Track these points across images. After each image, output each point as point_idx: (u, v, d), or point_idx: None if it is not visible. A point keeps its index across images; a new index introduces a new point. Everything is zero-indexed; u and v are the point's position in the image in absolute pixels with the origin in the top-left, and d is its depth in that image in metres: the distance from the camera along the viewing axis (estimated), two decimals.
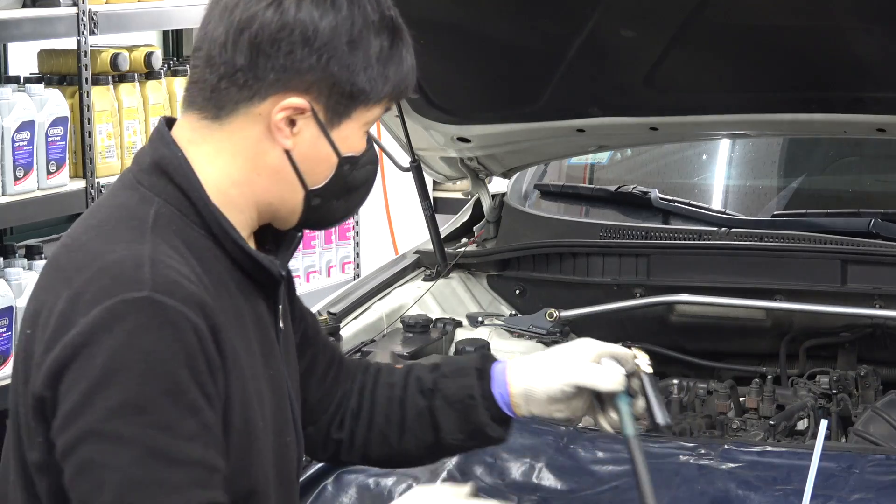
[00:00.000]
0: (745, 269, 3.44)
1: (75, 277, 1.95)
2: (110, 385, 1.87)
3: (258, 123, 2.04)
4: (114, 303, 1.89)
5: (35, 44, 5.06)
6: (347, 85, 2.04)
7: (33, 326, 1.99)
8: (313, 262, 5.98)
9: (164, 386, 1.88)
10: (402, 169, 3.78)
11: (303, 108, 2.03)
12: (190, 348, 1.91)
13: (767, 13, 3.08)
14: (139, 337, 1.88)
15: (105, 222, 2.03)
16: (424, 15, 3.34)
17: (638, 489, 2.19)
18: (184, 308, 1.91)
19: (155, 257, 1.94)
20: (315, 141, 2.06)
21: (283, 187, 2.08)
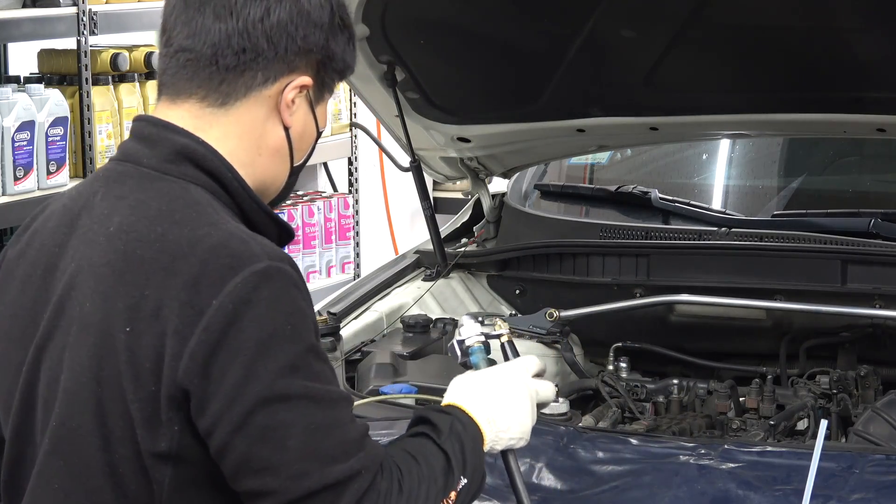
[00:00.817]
0: (745, 269, 3.44)
1: (178, 265, 2.02)
2: (269, 353, 2.00)
3: (265, 105, 2.18)
4: (243, 277, 2.00)
5: (35, 44, 5.07)
6: (339, 62, 2.22)
7: (132, 323, 2.03)
8: (313, 262, 5.98)
9: (304, 342, 2.03)
10: (402, 169, 3.79)
11: (307, 86, 2.20)
12: (309, 305, 2.07)
13: (767, 13, 3.08)
14: (278, 302, 2.02)
15: (168, 212, 2.09)
16: (424, 15, 3.36)
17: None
18: (294, 272, 2.07)
19: (244, 230, 2.09)
20: (306, 117, 2.23)
21: (278, 165, 2.23)
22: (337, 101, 6.28)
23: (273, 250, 2.07)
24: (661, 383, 3.31)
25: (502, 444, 2.26)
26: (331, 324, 3.33)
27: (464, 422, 2.22)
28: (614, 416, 3.11)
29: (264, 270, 2.02)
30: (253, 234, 2.09)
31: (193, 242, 2.04)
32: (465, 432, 2.20)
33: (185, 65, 2.17)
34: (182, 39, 2.18)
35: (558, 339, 3.40)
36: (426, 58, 3.49)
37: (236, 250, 2.03)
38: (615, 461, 2.63)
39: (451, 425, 2.20)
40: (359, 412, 2.77)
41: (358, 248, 6.33)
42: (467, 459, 2.17)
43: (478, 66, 3.49)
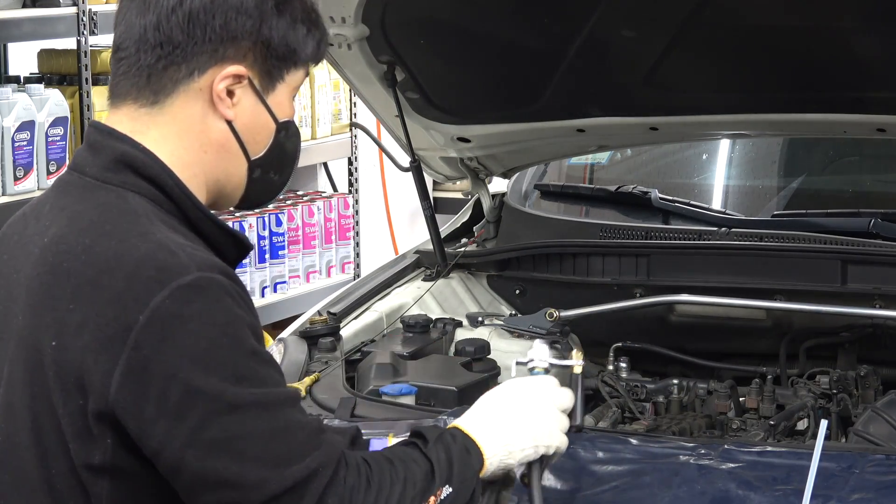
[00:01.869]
0: (745, 269, 3.44)
1: (104, 279, 1.97)
2: (209, 367, 1.95)
3: (199, 99, 2.10)
4: (170, 291, 1.95)
5: (35, 44, 5.07)
6: (280, 46, 2.11)
7: (59, 337, 1.99)
8: (313, 262, 5.98)
9: (246, 350, 1.99)
10: (402, 169, 3.78)
11: (241, 75, 2.10)
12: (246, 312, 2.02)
13: (767, 13, 3.08)
14: (211, 314, 1.96)
15: (100, 223, 2.03)
16: (424, 15, 3.36)
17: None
18: (227, 281, 2.00)
19: (175, 241, 2.01)
20: (254, 109, 2.13)
21: (229, 161, 2.14)
22: (337, 101, 6.28)
23: (203, 260, 2.00)
24: (661, 383, 3.31)
25: (516, 458, 2.21)
26: (331, 324, 3.33)
27: (455, 435, 2.18)
28: (614, 416, 3.11)
29: (193, 283, 1.96)
30: (185, 244, 2.01)
31: (120, 255, 1.98)
32: (455, 444, 2.16)
33: (119, 65, 2.15)
34: (117, 38, 2.16)
35: (558, 339, 3.40)
36: (426, 58, 3.49)
37: (163, 262, 1.97)
38: (615, 461, 2.63)
39: (439, 436, 2.17)
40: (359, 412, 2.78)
41: (358, 248, 6.33)
42: (454, 470, 2.13)
43: (478, 66, 3.49)
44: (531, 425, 2.22)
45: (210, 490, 1.98)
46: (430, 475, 2.11)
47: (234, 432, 1.97)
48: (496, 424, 2.21)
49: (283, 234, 5.74)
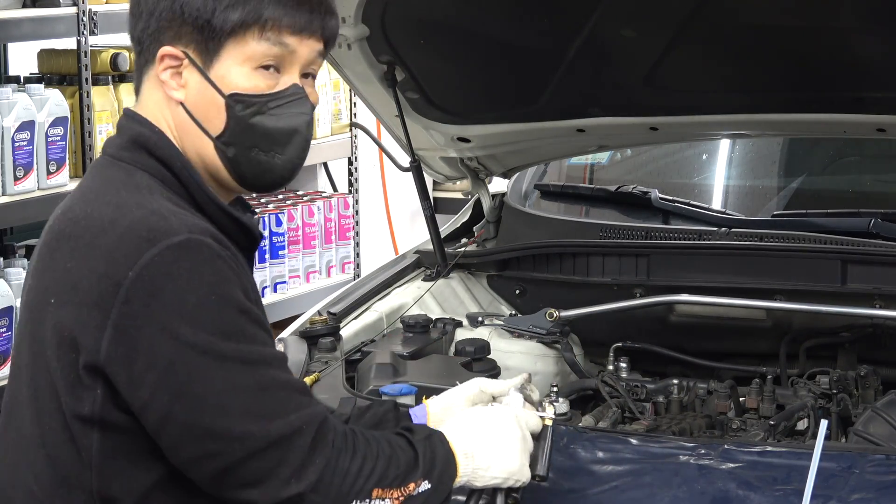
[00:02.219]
0: (745, 269, 3.44)
1: (99, 240, 2.06)
2: (197, 322, 2.02)
3: (157, 87, 2.20)
4: (160, 250, 2.03)
5: (35, 44, 5.06)
6: (195, 21, 2.15)
7: (57, 295, 2.08)
8: (313, 262, 5.98)
9: (234, 308, 2.06)
10: (402, 169, 3.78)
11: (176, 55, 2.17)
12: (238, 275, 2.09)
13: (767, 13, 3.08)
14: (199, 272, 2.04)
15: (102, 193, 2.13)
16: (424, 15, 3.36)
17: None
18: (217, 245, 2.07)
19: (170, 209, 2.09)
20: (200, 86, 2.18)
21: (194, 141, 2.19)
22: (337, 102, 6.28)
23: (195, 224, 2.08)
24: (661, 383, 3.31)
25: (482, 482, 2.25)
26: (331, 324, 3.33)
27: (442, 441, 2.23)
28: (614, 416, 3.11)
29: (182, 243, 2.04)
30: (179, 212, 2.09)
31: (115, 219, 2.07)
32: (441, 448, 2.21)
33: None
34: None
35: (558, 339, 3.40)
36: (426, 58, 3.49)
37: (154, 224, 2.06)
38: (615, 461, 2.63)
39: (428, 434, 2.22)
40: None
41: (358, 248, 6.33)
42: (436, 469, 2.18)
43: (478, 66, 3.49)
44: (509, 455, 2.27)
45: (195, 443, 2.05)
46: (414, 464, 2.17)
47: (220, 386, 2.03)
48: (477, 446, 2.25)
49: (283, 234, 5.74)
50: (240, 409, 2.05)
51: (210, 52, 2.16)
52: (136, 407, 2.06)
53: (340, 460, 2.10)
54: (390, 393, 2.97)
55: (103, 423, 2.08)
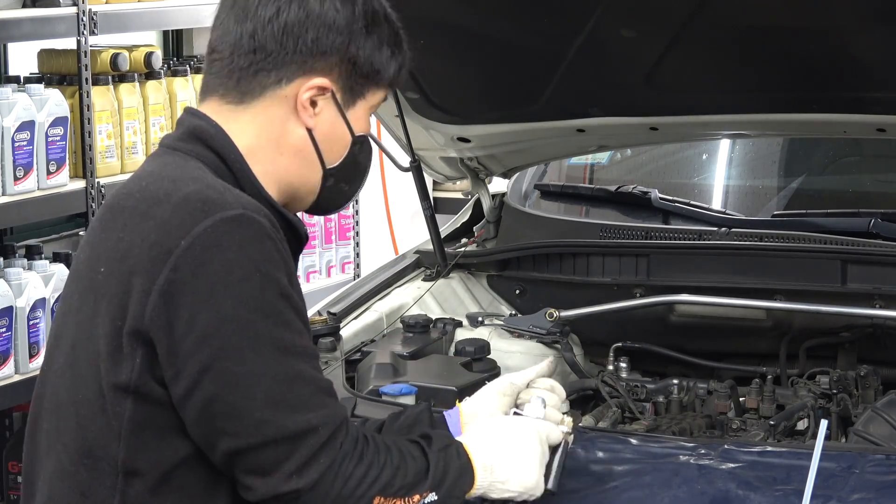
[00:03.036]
0: (745, 269, 3.44)
1: (153, 210, 2.11)
2: (238, 297, 2.05)
3: (283, 105, 2.23)
4: (213, 222, 2.07)
5: (35, 44, 5.06)
6: (366, 66, 2.26)
7: (108, 264, 2.13)
8: (313, 262, 5.98)
9: (277, 290, 2.09)
10: (402, 169, 3.78)
11: (325, 88, 2.23)
12: (285, 258, 2.12)
13: (767, 13, 3.08)
14: (248, 248, 2.08)
15: (159, 172, 2.19)
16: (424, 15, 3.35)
17: None
18: (269, 225, 2.12)
19: (224, 185, 2.15)
20: (333, 121, 2.27)
21: (304, 166, 2.27)
22: None
23: (250, 202, 2.12)
24: (661, 383, 3.31)
25: (497, 494, 2.28)
26: (331, 324, 3.33)
27: (460, 452, 2.25)
28: (614, 416, 3.11)
29: (236, 217, 2.08)
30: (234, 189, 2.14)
31: (170, 192, 2.12)
32: (457, 460, 2.23)
33: (212, 64, 2.28)
34: (213, 40, 2.28)
35: (558, 339, 3.40)
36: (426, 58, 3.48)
37: (209, 197, 2.10)
38: (615, 461, 2.63)
39: (445, 445, 2.24)
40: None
41: (358, 248, 6.33)
42: (447, 482, 2.20)
43: (478, 66, 3.49)
44: (527, 471, 2.29)
45: (215, 418, 2.08)
46: (424, 475, 2.19)
47: (249, 368, 2.06)
48: (498, 459, 2.27)
49: None
50: (263, 395, 2.07)
51: (356, 94, 2.28)
52: (168, 376, 2.09)
53: (345, 464, 2.12)
54: (390, 393, 2.97)
55: (138, 393, 2.11)
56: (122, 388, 2.11)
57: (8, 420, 4.87)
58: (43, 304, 4.52)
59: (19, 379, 4.43)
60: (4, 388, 4.39)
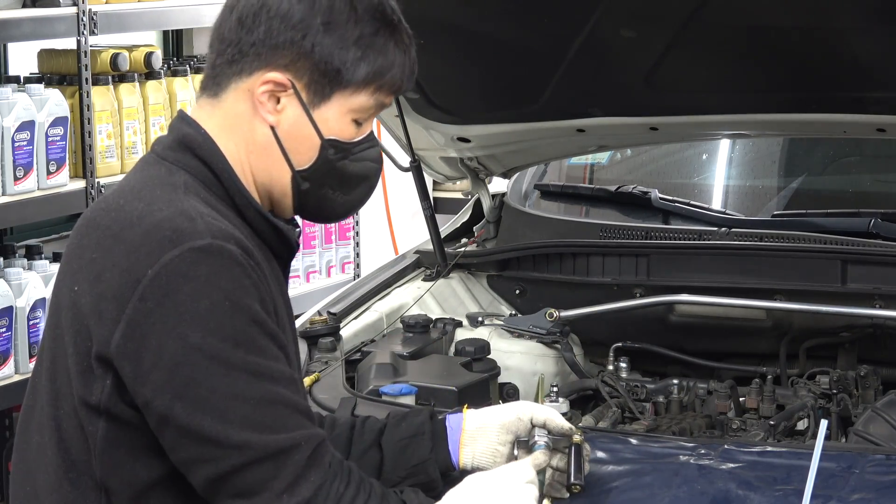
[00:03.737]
0: (745, 269, 3.44)
1: (125, 233, 2.09)
2: (207, 326, 2.03)
3: (246, 100, 2.20)
4: (181, 252, 2.05)
5: (35, 44, 5.06)
6: (322, 63, 2.17)
7: (79, 283, 2.12)
8: (313, 262, 5.97)
9: (248, 317, 2.07)
10: (402, 169, 3.78)
11: (283, 84, 2.18)
12: (257, 285, 2.09)
13: (767, 13, 3.08)
14: (217, 278, 2.05)
15: (138, 189, 2.16)
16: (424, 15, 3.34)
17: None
18: (240, 254, 2.09)
19: (199, 210, 2.11)
20: (298, 119, 2.20)
21: (272, 165, 2.21)
22: None
23: (220, 230, 2.09)
24: (661, 383, 3.31)
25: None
26: (331, 324, 3.33)
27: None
28: (614, 416, 3.11)
29: (204, 247, 2.06)
30: (207, 214, 2.11)
31: (143, 215, 2.10)
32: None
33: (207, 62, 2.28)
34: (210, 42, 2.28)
35: (558, 339, 3.40)
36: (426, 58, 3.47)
37: (180, 226, 2.08)
38: (615, 461, 2.63)
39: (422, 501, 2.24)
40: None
41: (358, 248, 6.33)
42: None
43: (478, 66, 3.49)
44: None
45: (193, 445, 2.06)
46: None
47: (222, 393, 2.04)
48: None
49: None
50: (240, 418, 2.05)
51: (321, 94, 2.19)
52: (139, 402, 2.08)
53: (335, 484, 2.11)
54: (390, 393, 2.97)
55: (109, 414, 2.10)
56: (94, 408, 2.11)
57: (8, 420, 4.88)
58: (43, 304, 4.52)
59: (19, 379, 4.43)
60: (4, 388, 4.40)
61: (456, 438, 2.43)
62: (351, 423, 2.49)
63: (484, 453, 2.43)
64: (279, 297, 2.22)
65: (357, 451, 2.44)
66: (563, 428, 2.42)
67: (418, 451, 2.41)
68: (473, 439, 2.42)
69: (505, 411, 2.45)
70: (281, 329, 2.17)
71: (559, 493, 2.41)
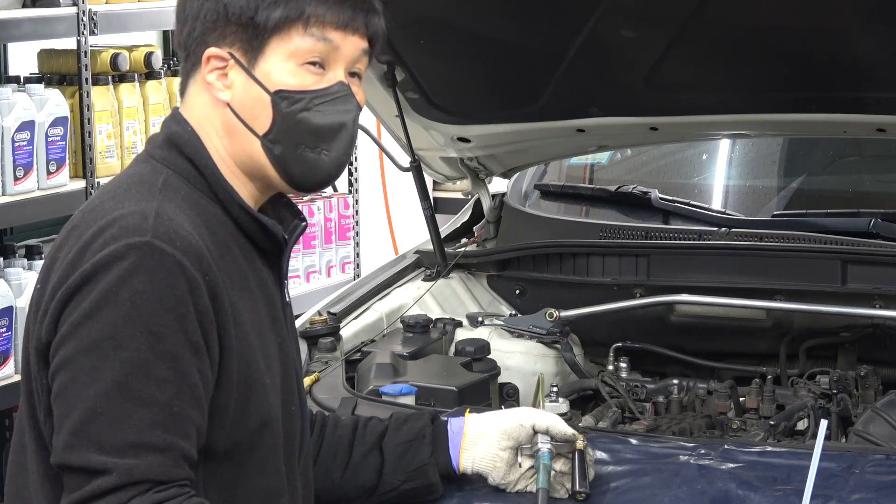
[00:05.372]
0: (745, 269, 3.44)
1: (85, 232, 2.08)
2: (95, 318, 2.01)
3: (203, 90, 2.21)
4: (116, 246, 2.03)
5: (35, 44, 5.06)
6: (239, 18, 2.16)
7: (44, 281, 2.12)
8: (313, 262, 5.97)
9: (145, 326, 2.01)
10: (402, 169, 3.78)
11: (222, 56, 2.18)
12: (180, 295, 2.03)
13: (767, 13, 3.08)
14: (132, 277, 2.02)
15: (117, 188, 2.16)
16: (424, 15, 3.35)
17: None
18: (181, 257, 2.04)
19: (160, 211, 2.08)
20: (245, 85, 2.18)
21: (241, 141, 2.20)
22: None
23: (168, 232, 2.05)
24: (661, 383, 3.31)
25: None
26: (331, 324, 3.33)
27: None
28: (614, 416, 3.11)
29: (137, 244, 2.03)
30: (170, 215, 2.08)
31: (105, 214, 2.09)
32: None
33: None
34: None
35: (558, 339, 3.40)
36: (426, 58, 3.49)
37: (129, 223, 2.06)
38: (615, 461, 2.63)
39: None
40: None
41: (358, 248, 6.33)
42: None
43: (478, 66, 3.49)
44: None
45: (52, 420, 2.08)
46: None
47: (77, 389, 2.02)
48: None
49: None
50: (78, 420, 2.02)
51: (255, 50, 2.17)
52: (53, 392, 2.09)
53: None
54: (390, 393, 2.97)
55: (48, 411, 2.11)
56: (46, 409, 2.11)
57: (8, 420, 4.88)
58: None
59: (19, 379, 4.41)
60: (4, 388, 4.39)
61: (457, 442, 2.43)
62: (353, 423, 2.49)
63: (484, 458, 2.44)
64: (249, 298, 2.17)
65: (358, 453, 2.45)
66: (566, 434, 2.43)
67: (418, 455, 2.42)
68: (474, 444, 2.43)
69: (507, 417, 2.46)
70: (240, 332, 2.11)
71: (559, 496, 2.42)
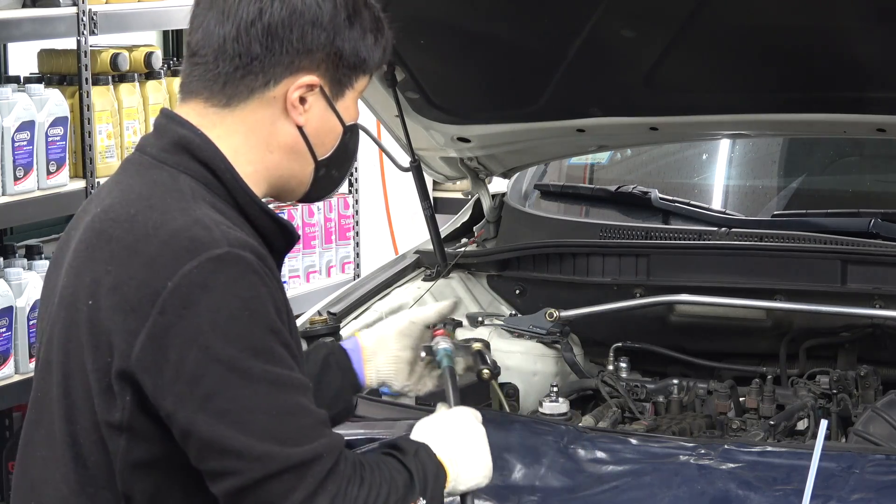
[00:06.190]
0: (745, 269, 3.44)
1: (140, 245, 2.08)
2: (227, 337, 2.03)
3: (272, 106, 2.20)
4: (199, 262, 2.05)
5: (35, 44, 5.06)
6: (351, 57, 2.22)
7: (95, 297, 2.10)
8: (313, 262, 5.97)
9: (266, 326, 2.07)
10: (402, 169, 3.78)
11: (314, 85, 2.20)
12: (272, 293, 2.10)
13: (767, 13, 3.08)
14: (235, 287, 2.05)
15: (148, 196, 2.15)
16: (425, 15, 3.35)
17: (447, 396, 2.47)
18: (255, 260, 2.09)
19: (213, 218, 2.11)
20: (323, 114, 2.24)
21: (296, 161, 2.25)
22: None
23: (236, 238, 2.10)
24: (661, 383, 3.31)
25: (464, 485, 2.31)
26: (331, 324, 3.33)
27: (429, 454, 2.28)
28: (614, 416, 3.11)
29: (222, 256, 2.06)
30: (221, 222, 2.11)
31: (158, 225, 2.09)
32: (430, 462, 2.26)
33: (195, 68, 2.23)
34: (193, 43, 2.23)
35: (558, 339, 3.40)
36: (426, 58, 3.49)
37: (196, 235, 2.07)
38: (615, 461, 2.63)
39: (416, 450, 2.26)
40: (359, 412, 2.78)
41: (358, 248, 6.33)
42: (428, 484, 2.24)
43: (478, 66, 3.49)
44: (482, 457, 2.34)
45: (216, 457, 2.06)
46: (410, 484, 2.21)
47: (243, 404, 2.05)
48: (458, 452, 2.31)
49: None
50: (261, 430, 2.05)
51: (343, 85, 2.24)
52: (163, 415, 2.07)
53: (350, 489, 2.12)
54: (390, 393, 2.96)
55: (130, 431, 2.10)
56: (116, 426, 2.10)
57: (8, 420, 4.88)
58: None
59: (19, 379, 4.43)
60: (4, 388, 4.39)
61: (358, 358, 2.54)
62: None
63: (386, 363, 2.56)
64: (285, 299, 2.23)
65: None
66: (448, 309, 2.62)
67: (333, 383, 2.51)
68: (374, 353, 2.54)
69: (397, 319, 2.59)
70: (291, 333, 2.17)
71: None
